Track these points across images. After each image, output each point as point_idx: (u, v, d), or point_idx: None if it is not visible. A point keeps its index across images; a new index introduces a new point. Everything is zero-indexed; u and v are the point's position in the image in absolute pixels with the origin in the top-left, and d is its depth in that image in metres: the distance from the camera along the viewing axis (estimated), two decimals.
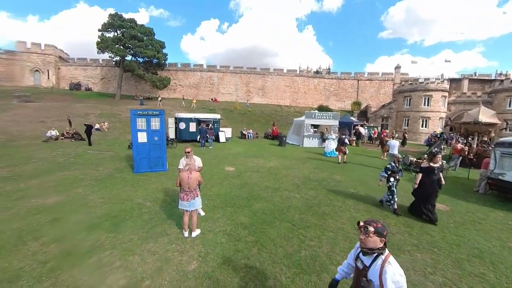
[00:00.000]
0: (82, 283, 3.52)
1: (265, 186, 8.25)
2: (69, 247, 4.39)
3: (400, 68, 42.03)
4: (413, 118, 33.36)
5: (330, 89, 45.17)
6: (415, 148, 22.54)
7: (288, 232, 5.15)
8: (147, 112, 10.23)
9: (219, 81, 44.82)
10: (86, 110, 28.26)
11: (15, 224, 5.25)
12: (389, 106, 36.76)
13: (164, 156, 10.38)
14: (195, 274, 3.71)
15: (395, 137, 13.96)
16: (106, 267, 3.86)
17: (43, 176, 9.01)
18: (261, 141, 22.95)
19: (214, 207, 6.32)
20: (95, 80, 43.98)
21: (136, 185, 8.22)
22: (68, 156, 12.95)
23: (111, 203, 6.57)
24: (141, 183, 8.39)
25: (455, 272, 4.02)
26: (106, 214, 5.82)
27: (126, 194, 7.32)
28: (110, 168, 10.49)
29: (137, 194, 7.28)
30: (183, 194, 4.65)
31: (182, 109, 30.60)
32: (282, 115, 36.69)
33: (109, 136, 21.37)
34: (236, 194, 7.37)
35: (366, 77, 44.46)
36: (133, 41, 34.62)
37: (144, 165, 10.02)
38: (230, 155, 14.48)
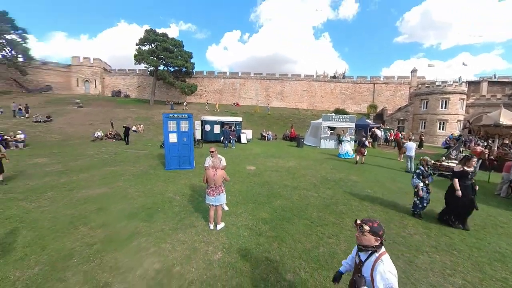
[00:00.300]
0: (123, 264, 3.73)
1: (284, 185, 8.14)
2: (112, 233, 4.68)
3: (416, 72, 39.84)
4: (430, 121, 31.31)
5: (346, 92, 43.76)
6: (432, 150, 21.13)
7: (307, 229, 5.03)
8: (177, 116, 10.46)
9: (241, 86, 45.32)
10: (125, 114, 29.89)
11: (68, 211, 5.70)
12: (405, 109, 34.80)
13: (192, 155, 10.56)
14: (219, 264, 3.76)
15: (412, 139, 13.13)
16: (143, 251, 4.06)
17: (91, 171, 9.66)
18: (279, 142, 22.77)
19: (237, 203, 6.34)
20: (132, 88, 46.44)
21: (167, 180, 8.44)
22: (110, 154, 13.77)
23: (146, 196, 6.83)
24: (172, 179, 8.61)
25: (475, 275, 3.70)
26: (141, 205, 6.08)
27: (159, 188, 7.55)
28: (145, 165, 10.92)
29: (168, 189, 7.48)
30: (210, 190, 4.74)
31: (207, 113, 31.20)
32: (299, 118, 36.22)
33: (144, 137, 22.42)
34: (257, 192, 7.33)
35: (382, 81, 42.65)
36: (165, 52, 36.01)
37: (174, 163, 10.22)
38: (251, 155, 14.47)
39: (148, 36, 36.18)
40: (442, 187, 7.28)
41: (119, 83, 46.59)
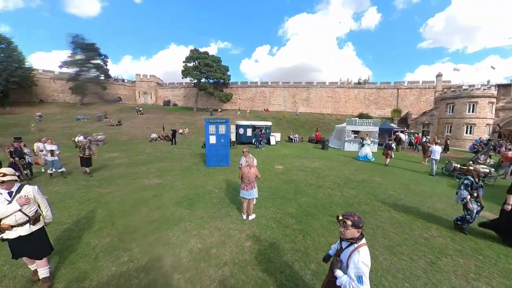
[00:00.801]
0: (174, 241, 4.07)
1: (310, 184, 7.88)
2: (164, 216, 5.11)
3: (441, 76, 35.69)
4: (456, 125, 27.37)
5: (370, 98, 40.89)
6: (458, 154, 18.48)
7: (330, 225, 4.80)
8: (216, 121, 10.76)
9: (270, 94, 45.59)
10: (173, 119, 32.23)
11: (132, 196, 6.39)
12: (430, 113, 31.05)
13: (228, 154, 10.78)
14: (250, 250, 3.83)
15: (437, 143, 11.65)
16: (188, 233, 4.35)
17: (148, 165, 10.63)
18: (305, 144, 22.16)
19: (266, 197, 6.34)
20: (179, 97, 49.90)
21: (207, 175, 8.75)
22: (162, 152, 14.88)
23: (189, 188, 7.18)
24: (211, 174, 8.90)
25: (501, 282, 3.19)
26: (185, 196, 6.44)
27: (200, 182, 7.84)
28: (189, 162, 11.51)
29: (207, 183, 7.74)
30: (244, 185, 4.85)
31: (239, 118, 31.83)
32: (324, 122, 34.87)
33: (188, 139, 23.78)
34: (285, 189, 7.22)
35: (406, 86, 39.08)
36: (206, 67, 38.14)
37: (213, 161, 10.50)
38: (279, 155, 14.32)
39: (193, 55, 38.67)
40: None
41: (169, 94, 50.52)
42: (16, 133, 20.59)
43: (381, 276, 3.26)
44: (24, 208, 2.76)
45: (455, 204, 5.54)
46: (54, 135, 19.60)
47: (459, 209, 5.47)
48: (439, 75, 35.91)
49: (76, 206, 5.67)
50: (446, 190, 7.73)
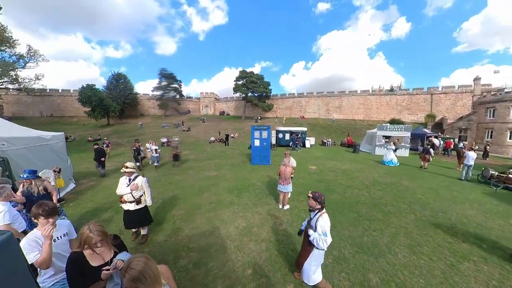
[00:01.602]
0: (225, 218, 4.61)
1: (339, 183, 7.42)
2: (220, 199, 5.74)
3: (479, 80, 27.50)
4: (498, 130, 20.46)
5: (402, 104, 34.76)
6: (499, 161, 13.91)
7: (355, 220, 4.55)
8: (260, 127, 10.98)
9: (306, 103, 43.97)
10: (227, 126, 34.41)
11: (198, 183, 7.34)
12: (467, 118, 24.08)
13: (269, 155, 10.90)
14: (283, 232, 4.01)
15: (475, 149, 9.13)
16: (236, 214, 4.84)
17: (209, 160, 11.81)
18: (337, 148, 20.47)
19: (299, 192, 6.33)
20: (231, 108, 52.69)
21: (252, 171, 9.08)
22: (218, 151, 16.11)
23: (238, 180, 7.67)
24: (255, 171, 9.17)
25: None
26: (235, 186, 6.99)
27: (246, 176, 8.20)
28: (238, 160, 12.06)
29: (252, 177, 8.07)
30: (281, 181, 5.02)
31: (278, 124, 31.59)
32: (356, 128, 31.34)
33: (238, 141, 25.04)
34: (316, 186, 7.03)
35: (440, 91, 31.90)
36: (251, 84, 40.07)
37: (257, 160, 10.70)
38: (313, 157, 13.73)
39: (241, 75, 41.05)
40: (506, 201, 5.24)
41: (224, 106, 54.07)
42: (127, 136, 26.11)
43: (398, 270, 3.01)
44: (134, 192, 3.45)
45: (487, 211, 4.48)
46: (148, 138, 23.93)
47: (491, 217, 4.42)
48: (477, 79, 27.83)
49: (162, 187, 6.92)
50: (480, 197, 6.19)
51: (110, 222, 4.52)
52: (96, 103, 31.72)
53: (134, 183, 3.46)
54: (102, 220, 4.61)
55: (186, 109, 52.65)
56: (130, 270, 1.11)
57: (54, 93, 41.59)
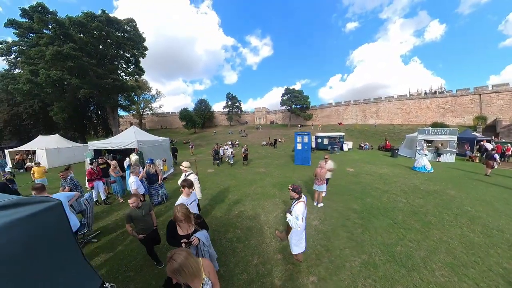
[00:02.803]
0: (267, 208, 4.75)
1: (376, 187, 6.06)
2: (265, 191, 5.90)
3: None
4: None
5: (445, 106, 25.02)
6: None
7: (389, 227, 3.65)
8: (302, 133, 10.58)
9: (343, 111, 39.20)
10: (275, 132, 34.75)
11: (249, 177, 7.77)
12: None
13: (309, 157, 10.33)
14: (315, 228, 3.74)
15: None
16: (276, 206, 4.87)
17: (260, 160, 12.12)
18: (375, 152, 16.41)
19: (335, 193, 5.65)
20: (279, 118, 52.81)
21: (294, 170, 8.71)
22: (268, 153, 16.47)
23: (281, 177, 7.51)
24: (297, 170, 8.77)
25: None
26: (278, 182, 6.89)
27: (288, 174, 7.89)
28: (283, 160, 11.87)
29: (293, 175, 7.73)
30: (316, 181, 4.71)
31: (314, 130, 29.14)
32: (394, 132, 24.25)
33: (284, 145, 24.81)
34: (352, 188, 6.04)
35: (490, 90, 21.20)
36: (294, 98, 40.19)
37: (299, 160, 10.36)
38: (350, 160, 11.80)
39: (286, 91, 41.77)
40: None
41: (273, 117, 54.93)
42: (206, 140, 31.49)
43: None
44: None
45: None
46: (220, 142, 27.79)
47: None
48: None
49: (225, 177, 7.85)
50: None
51: None
52: (188, 119, 42.46)
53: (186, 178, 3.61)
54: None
55: (245, 120, 57.31)
56: (172, 261, 1.05)
57: (167, 114, 57.44)
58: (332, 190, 5.84)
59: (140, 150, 6.75)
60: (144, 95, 44.63)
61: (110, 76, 17.32)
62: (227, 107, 51.16)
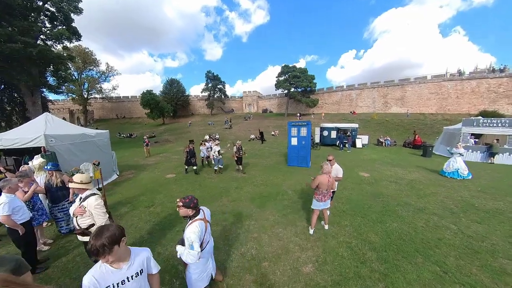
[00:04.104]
0: (234, 239, 3.68)
1: (404, 202, 5.18)
2: (237, 209, 4.89)
3: None
4: None
5: (499, 90, 24.40)
6: None
7: (435, 280, 2.65)
8: (299, 123, 9.88)
9: (357, 96, 37.98)
10: (268, 123, 33.87)
11: (222, 184, 6.77)
12: None
13: (309, 156, 9.63)
14: (306, 279, 2.72)
15: None
16: (249, 234, 3.86)
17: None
18: (399, 149, 16.08)
19: (342, 211, 4.71)
20: (274, 106, 52.05)
21: (286, 175, 8.06)
22: (255, 150, 15.62)
23: (266, 185, 6.76)
24: (289, 174, 8.13)
25: None
26: (260, 193, 6.04)
27: (277, 180, 7.24)
28: (273, 160, 11.24)
29: (284, 183, 7.01)
30: (321, 196, 3.68)
31: (319, 121, 28.70)
32: (425, 124, 23.95)
33: (278, 140, 23.98)
34: (369, 204, 5.12)
35: None
36: (294, 78, 37.98)
37: (294, 161, 9.81)
38: (365, 160, 11.11)
39: (283, 70, 39.64)
40: None
41: (266, 104, 54.07)
42: (177, 133, 29.70)
43: None
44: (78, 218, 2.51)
45: None
46: (195, 135, 26.39)
47: None
48: None
49: (187, 185, 6.74)
50: None
51: (121, 218, 4.47)
52: (153, 106, 38.37)
53: (82, 204, 2.45)
54: (117, 215, 4.61)
55: (230, 108, 55.57)
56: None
57: (126, 99, 53.05)
58: (339, 208, 4.88)
59: (51, 150, 5.41)
60: (89, 71, 38.09)
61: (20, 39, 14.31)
62: (207, 90, 48.62)
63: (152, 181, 7.46)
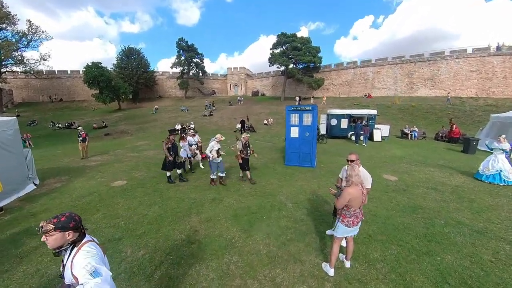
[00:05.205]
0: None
1: (455, 220, 4.57)
2: (211, 235, 4.11)
3: None
4: None
5: None
6: None
7: None
8: (300, 108, 9.41)
9: (374, 75, 37.57)
10: (260, 110, 33.20)
11: (193, 195, 5.97)
12: None
13: (314, 153, 9.19)
14: None
15: None
16: (228, 279, 3.06)
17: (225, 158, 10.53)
18: (430, 142, 16.08)
19: (368, 236, 4.03)
20: (267, 87, 51.39)
21: (283, 178, 7.56)
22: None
23: (255, 195, 6.14)
24: (288, 177, 7.67)
25: None
26: (247, 207, 5.35)
27: (272, 187, 6.71)
28: (266, 158, 10.71)
29: (281, 190, 6.48)
30: (352, 218, 2.94)
31: (332, 106, 28.38)
32: (463, 111, 23.89)
33: (273, 130, 23.44)
34: (404, 223, 4.48)
35: None
36: (294, 51, 36.81)
37: (294, 159, 9.46)
38: (388, 157, 10.79)
39: (280, 40, 38.41)
40: None
41: (258, 84, 53.29)
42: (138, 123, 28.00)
43: None
44: None
45: None
46: (163, 124, 25.07)
47: None
48: None
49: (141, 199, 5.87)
50: None
51: (23, 259, 3.44)
52: (103, 84, 34.79)
53: None
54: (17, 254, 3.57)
55: (211, 89, 53.93)
56: None
57: (63, 75, 47.99)
58: (363, 230, 4.15)
59: None
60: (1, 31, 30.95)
61: None
62: (179, 65, 46.23)
63: (89, 193, 6.43)
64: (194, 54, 46.03)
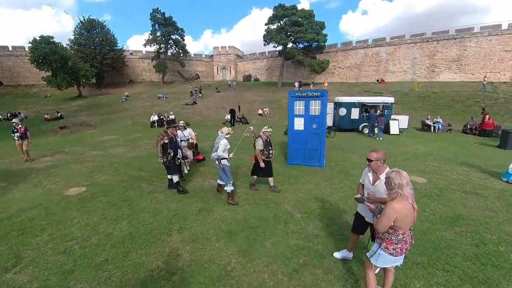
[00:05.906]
0: None
1: (509, 235, 4.33)
2: (198, 261, 3.68)
3: None
4: None
5: None
6: None
7: None
8: (306, 94, 9.34)
9: (388, 56, 37.89)
10: (253, 97, 33.29)
11: (175, 205, 5.62)
12: None
13: (323, 149, 9.16)
14: None
15: None
16: None
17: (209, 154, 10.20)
18: (457, 136, 16.33)
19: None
20: (262, 71, 51.72)
21: (287, 181, 7.52)
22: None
23: (255, 203, 5.94)
24: (293, 180, 7.63)
25: None
26: (245, 219, 5.07)
27: (273, 194, 6.50)
28: None
29: (286, 196, 6.32)
30: (400, 244, 2.50)
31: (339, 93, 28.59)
32: (496, 98, 23.91)
33: (269, 120, 23.37)
34: (446, 239, 4.18)
35: None
36: (294, 27, 36.81)
37: (299, 157, 9.53)
38: (411, 154, 10.83)
39: (277, 13, 38.40)
40: None
41: (250, 67, 53.63)
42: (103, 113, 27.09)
43: None
44: None
45: None
46: (135, 114, 24.41)
47: None
48: None
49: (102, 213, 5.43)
50: None
51: None
52: (57, 65, 33.48)
53: None
54: None
55: (193, 73, 53.36)
56: None
57: (3, 52, 44.87)
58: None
59: None
60: None
61: None
62: (155, 43, 45.28)
63: (33, 205, 5.86)
64: (173, 30, 45.09)
